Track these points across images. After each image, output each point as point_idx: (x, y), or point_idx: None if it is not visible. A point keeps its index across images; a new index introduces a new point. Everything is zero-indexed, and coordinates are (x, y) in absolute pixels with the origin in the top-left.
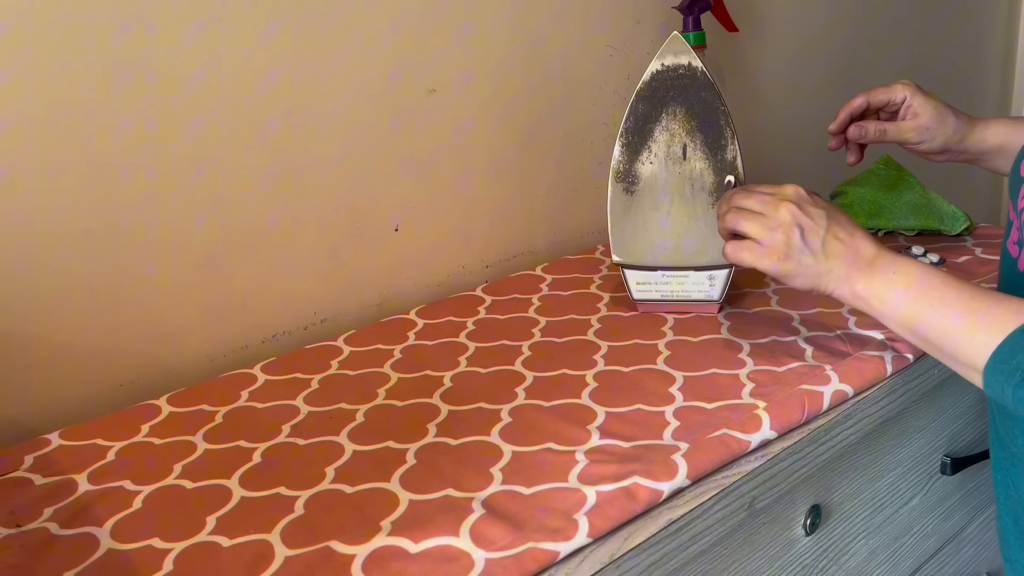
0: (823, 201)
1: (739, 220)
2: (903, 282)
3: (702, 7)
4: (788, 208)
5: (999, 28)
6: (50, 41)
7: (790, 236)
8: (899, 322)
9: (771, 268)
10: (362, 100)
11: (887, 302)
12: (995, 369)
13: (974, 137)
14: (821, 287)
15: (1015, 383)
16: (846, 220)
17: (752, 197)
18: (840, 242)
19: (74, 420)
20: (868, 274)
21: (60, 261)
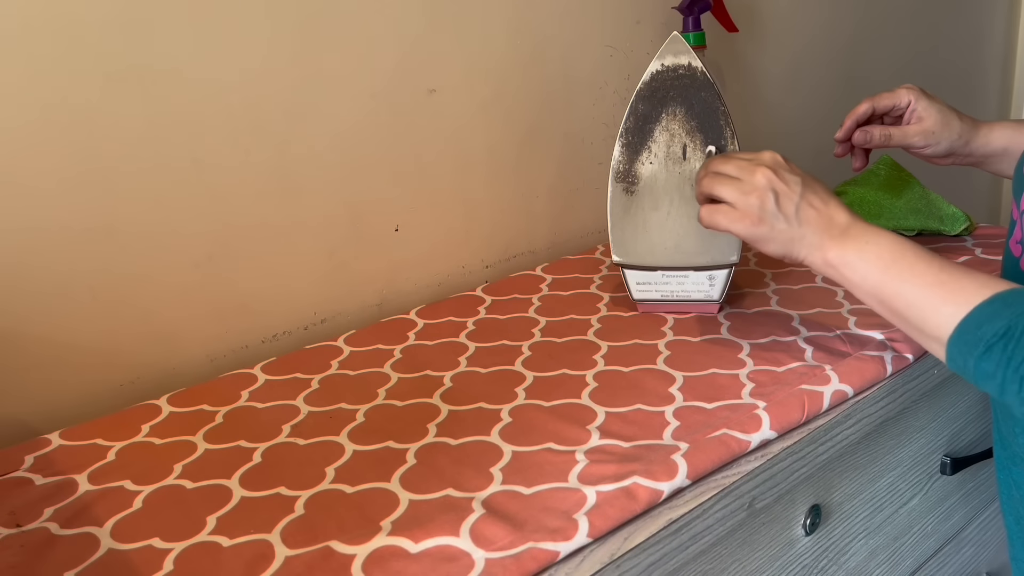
0: (799, 169)
1: (715, 184)
2: (874, 251)
3: (702, 7)
4: (764, 173)
5: (999, 28)
6: (50, 41)
7: (764, 201)
8: (868, 291)
9: (744, 232)
10: (362, 100)
11: (857, 271)
12: (959, 340)
13: (978, 140)
14: (793, 254)
15: (977, 355)
16: (821, 188)
17: (730, 162)
18: (814, 209)
19: (74, 420)
20: (840, 242)
21: (60, 261)
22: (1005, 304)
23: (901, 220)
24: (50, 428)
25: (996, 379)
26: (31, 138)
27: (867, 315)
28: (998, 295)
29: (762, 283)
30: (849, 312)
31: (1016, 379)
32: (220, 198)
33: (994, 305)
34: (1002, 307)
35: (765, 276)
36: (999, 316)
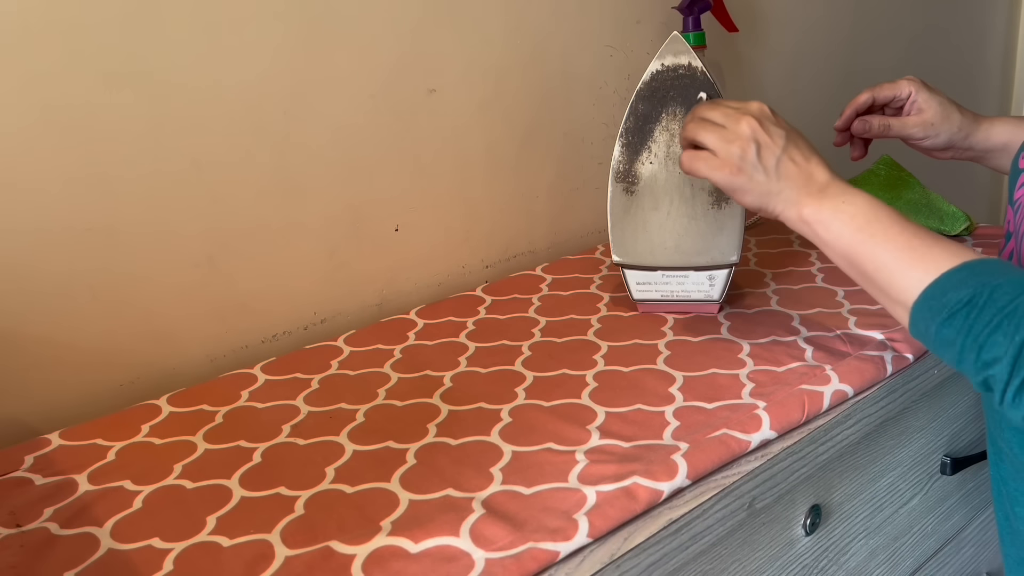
0: (786, 123)
1: (699, 130)
2: (850, 211)
3: (702, 7)
4: (749, 123)
5: (999, 28)
6: (50, 41)
7: (746, 150)
8: (840, 251)
9: (722, 181)
10: (362, 100)
11: (831, 229)
12: (923, 306)
13: (979, 135)
14: (769, 207)
15: (939, 321)
16: (805, 144)
17: (717, 109)
18: (795, 164)
19: (74, 420)
20: (817, 200)
21: (60, 261)
22: (972, 273)
23: None
24: (50, 428)
25: (955, 347)
26: (31, 139)
27: (867, 315)
28: (966, 264)
29: (762, 283)
30: (849, 312)
31: (974, 347)
32: (220, 198)
33: (961, 273)
34: (969, 276)
35: (765, 276)
36: (965, 285)
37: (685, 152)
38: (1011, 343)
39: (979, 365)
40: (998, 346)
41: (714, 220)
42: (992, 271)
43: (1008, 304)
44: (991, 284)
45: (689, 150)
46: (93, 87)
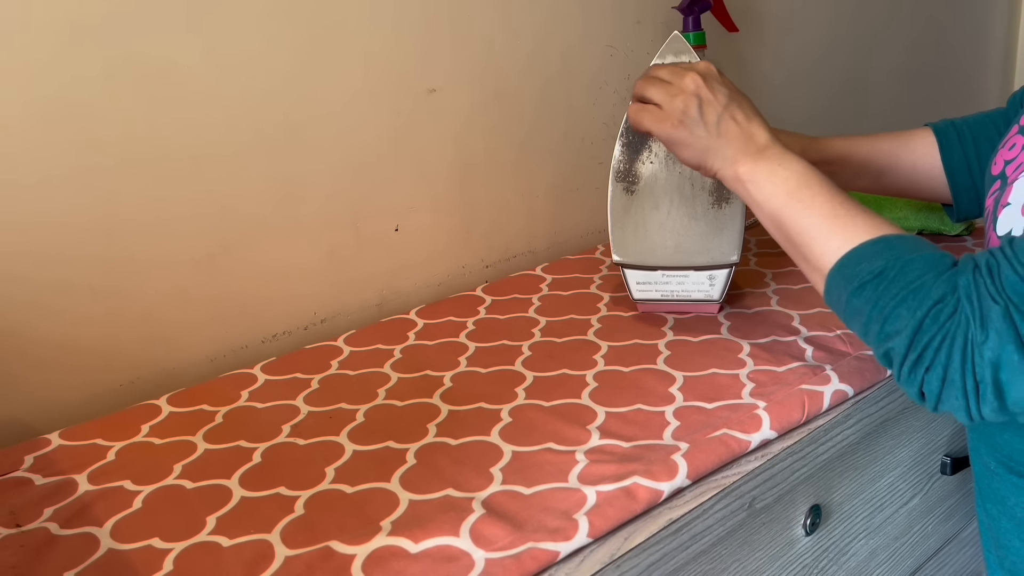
0: (732, 84)
1: (647, 85)
2: (783, 175)
3: (702, 7)
4: (693, 79)
5: (999, 28)
6: (50, 40)
7: (688, 105)
8: (768, 213)
9: (663, 134)
10: (362, 100)
11: (763, 190)
12: (838, 274)
13: (812, 153)
14: (707, 164)
15: (851, 290)
16: (748, 106)
17: (665, 68)
18: (735, 123)
19: (74, 420)
20: (754, 160)
21: (60, 261)
22: (888, 246)
23: (902, 220)
24: (50, 428)
25: (862, 316)
26: (31, 139)
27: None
28: (884, 237)
29: (762, 283)
30: None
31: (879, 319)
32: (220, 198)
33: (878, 245)
34: (884, 248)
35: (765, 276)
36: (879, 256)
37: (632, 105)
38: (912, 317)
39: (882, 337)
40: (900, 319)
41: (714, 220)
42: (908, 246)
43: (916, 280)
44: (904, 258)
45: (636, 103)
46: (93, 86)
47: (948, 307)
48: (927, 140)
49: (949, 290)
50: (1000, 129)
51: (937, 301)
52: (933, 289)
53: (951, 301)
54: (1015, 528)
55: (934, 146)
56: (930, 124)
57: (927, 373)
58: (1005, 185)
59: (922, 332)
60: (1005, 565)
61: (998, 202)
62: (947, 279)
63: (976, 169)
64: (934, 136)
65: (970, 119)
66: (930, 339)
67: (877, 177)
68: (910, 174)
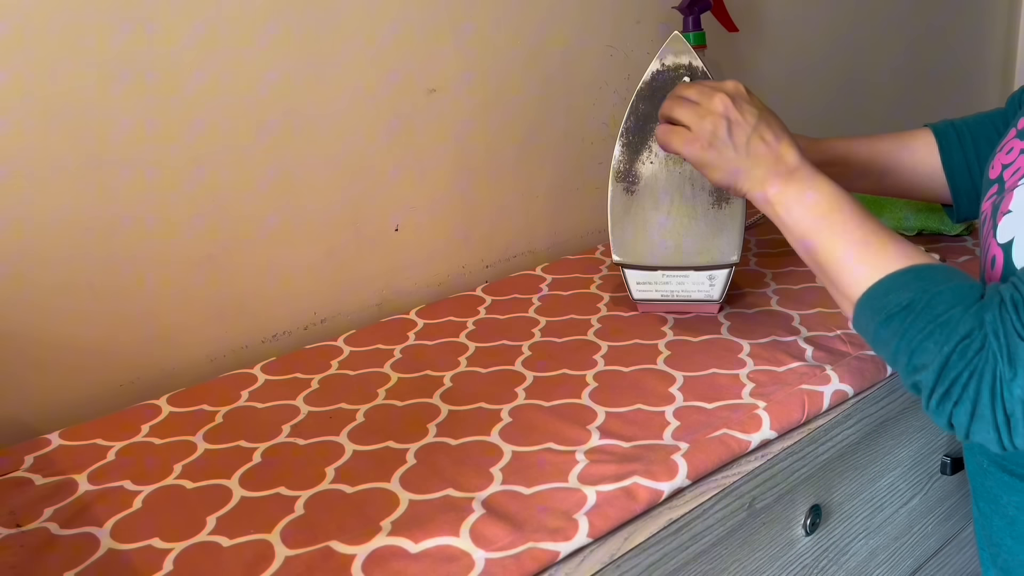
0: (761, 103)
1: (675, 106)
2: (813, 198)
3: (702, 7)
4: (722, 100)
5: (999, 28)
6: (50, 41)
7: (717, 127)
8: (798, 236)
9: (693, 155)
10: (362, 100)
11: (792, 213)
12: (866, 304)
13: (812, 153)
14: (737, 185)
15: (879, 321)
16: (777, 125)
17: (693, 87)
18: (765, 144)
19: (74, 420)
20: (784, 182)
21: (60, 261)
22: (917, 277)
23: (902, 220)
24: (50, 428)
25: (890, 348)
26: (30, 140)
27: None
28: (913, 267)
29: (762, 283)
30: None
31: (907, 352)
32: (220, 198)
33: (906, 276)
34: (913, 280)
35: (765, 276)
36: (907, 288)
37: (661, 127)
38: (939, 352)
39: (909, 369)
40: (927, 353)
41: (714, 220)
42: (936, 278)
43: (943, 313)
44: (932, 291)
45: (665, 124)
46: (93, 87)
47: (976, 343)
48: (927, 141)
49: (976, 325)
50: (999, 129)
51: (964, 336)
52: (960, 324)
53: (978, 337)
54: (1007, 526)
55: (934, 147)
56: (930, 125)
57: (955, 407)
58: (1003, 190)
59: (949, 368)
60: (998, 563)
61: (997, 207)
62: (974, 314)
63: (976, 170)
64: (934, 137)
65: (969, 120)
66: (958, 375)
67: (878, 178)
68: (911, 175)
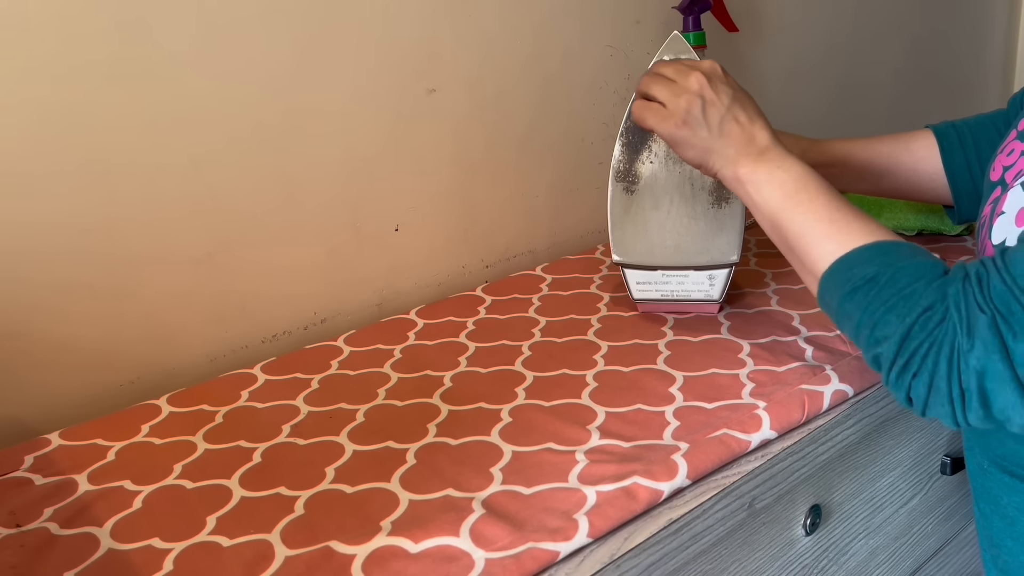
0: (736, 84)
1: (651, 83)
2: (782, 177)
3: (702, 7)
4: (697, 79)
5: (999, 28)
6: (50, 40)
7: (692, 105)
8: (766, 215)
9: (666, 132)
10: (362, 100)
11: (762, 192)
12: (831, 278)
13: (813, 155)
14: (708, 164)
15: (843, 294)
16: (751, 106)
17: (671, 66)
18: (738, 124)
19: (74, 420)
20: (755, 161)
21: (60, 261)
22: (881, 252)
23: (902, 219)
24: (50, 428)
25: (853, 320)
26: (30, 140)
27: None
28: (878, 243)
29: (762, 283)
30: None
31: (869, 324)
32: (220, 198)
33: (871, 251)
34: (877, 254)
35: (765, 276)
36: (872, 262)
37: (637, 102)
38: (901, 323)
39: (871, 342)
40: (889, 325)
41: (714, 220)
42: (901, 253)
43: (906, 287)
44: (896, 265)
45: (640, 100)
46: (92, 86)
47: (937, 315)
48: (928, 142)
49: (939, 298)
50: (1000, 130)
51: (926, 308)
52: (923, 296)
53: (940, 309)
54: (1007, 527)
55: (935, 148)
56: (930, 126)
57: (914, 379)
58: (1005, 192)
59: (910, 339)
60: (998, 564)
61: (994, 210)
62: (937, 287)
63: (977, 171)
64: (935, 138)
65: (970, 121)
66: (918, 346)
67: (878, 179)
68: (911, 176)
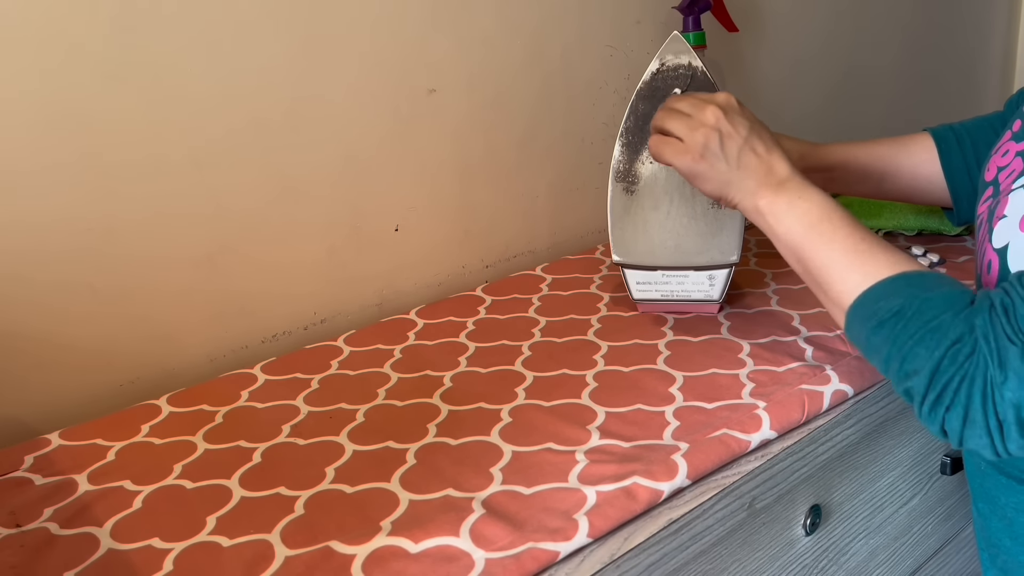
0: (752, 115)
1: (667, 118)
2: (804, 208)
3: (702, 7)
4: (713, 112)
5: (999, 28)
6: (50, 40)
7: (709, 139)
8: (788, 245)
9: (684, 167)
10: (362, 100)
11: (783, 223)
12: (857, 311)
13: (814, 159)
14: (728, 196)
15: (870, 327)
16: (768, 137)
17: (685, 100)
18: (756, 156)
19: (74, 420)
20: (774, 192)
21: (60, 261)
22: (907, 284)
23: (902, 220)
24: (50, 428)
25: (881, 354)
26: (31, 140)
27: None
28: (903, 274)
29: (762, 283)
30: None
31: (898, 358)
32: (220, 198)
33: (896, 283)
34: (903, 286)
35: (765, 276)
36: (897, 294)
37: (653, 138)
38: (930, 357)
39: (901, 375)
40: (918, 358)
41: (714, 220)
42: (926, 284)
43: (934, 319)
44: (922, 297)
45: (657, 136)
46: (93, 86)
47: (966, 347)
48: (927, 145)
49: (967, 330)
50: (998, 132)
51: (955, 341)
52: (951, 329)
53: (969, 341)
54: (1006, 527)
55: (934, 151)
56: (928, 129)
57: (947, 412)
58: (998, 193)
59: (940, 372)
60: (997, 563)
61: (992, 211)
62: (964, 318)
63: (975, 173)
64: (933, 141)
65: (968, 123)
66: (949, 379)
67: (878, 182)
68: (911, 179)
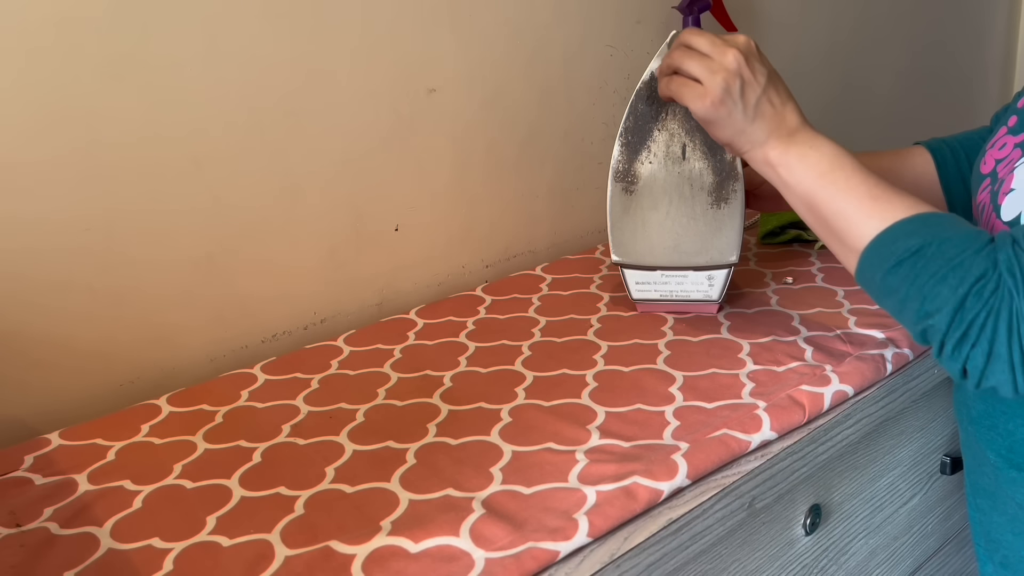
0: (769, 63)
1: (685, 57)
2: (815, 158)
3: (702, 7)
4: (736, 56)
5: (999, 28)
6: (50, 40)
7: (731, 84)
8: (800, 195)
9: (703, 111)
10: (362, 100)
11: (794, 173)
12: (872, 252)
13: None
14: (737, 144)
15: (887, 268)
16: (783, 87)
17: (704, 37)
18: (771, 106)
19: (74, 420)
20: (785, 143)
21: (60, 261)
22: (925, 224)
23: None
24: (50, 428)
25: (899, 294)
26: (30, 139)
27: (867, 315)
28: (920, 215)
29: (762, 283)
30: (849, 312)
31: (918, 297)
32: (220, 198)
33: (914, 223)
34: (921, 226)
35: (765, 276)
36: (916, 234)
37: (667, 78)
38: (954, 295)
39: (920, 315)
40: (940, 297)
41: (713, 220)
42: (945, 224)
43: (956, 256)
44: (941, 236)
45: (670, 75)
46: (93, 86)
47: (991, 283)
48: (924, 158)
49: (990, 266)
50: None
51: (979, 278)
52: (974, 266)
53: (993, 277)
54: (1008, 523)
55: (931, 163)
56: (921, 143)
57: (972, 349)
58: (997, 179)
59: (965, 309)
60: (996, 558)
61: (996, 193)
62: (987, 255)
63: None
64: (929, 153)
65: (959, 136)
66: (975, 316)
67: None
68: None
